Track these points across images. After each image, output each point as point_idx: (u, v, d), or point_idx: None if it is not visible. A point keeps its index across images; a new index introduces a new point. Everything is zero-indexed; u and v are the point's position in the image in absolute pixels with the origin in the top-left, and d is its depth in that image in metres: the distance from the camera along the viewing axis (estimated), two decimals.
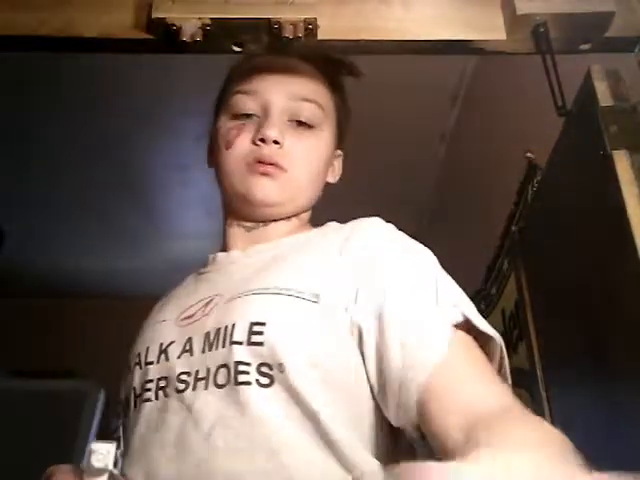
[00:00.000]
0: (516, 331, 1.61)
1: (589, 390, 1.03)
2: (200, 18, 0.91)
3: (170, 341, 0.71)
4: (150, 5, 0.92)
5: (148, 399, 0.68)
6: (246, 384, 0.62)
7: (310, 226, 0.87)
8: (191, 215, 2.76)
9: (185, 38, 0.90)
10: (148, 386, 0.69)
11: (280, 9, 0.92)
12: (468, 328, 0.64)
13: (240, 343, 0.63)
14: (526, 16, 0.93)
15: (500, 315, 1.78)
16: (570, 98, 0.97)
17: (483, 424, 0.51)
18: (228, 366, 0.63)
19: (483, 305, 1.97)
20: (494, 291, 1.86)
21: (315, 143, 0.83)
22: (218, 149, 0.84)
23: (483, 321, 0.64)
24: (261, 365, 0.62)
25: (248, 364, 0.62)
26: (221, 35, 0.93)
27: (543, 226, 1.26)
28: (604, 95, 0.91)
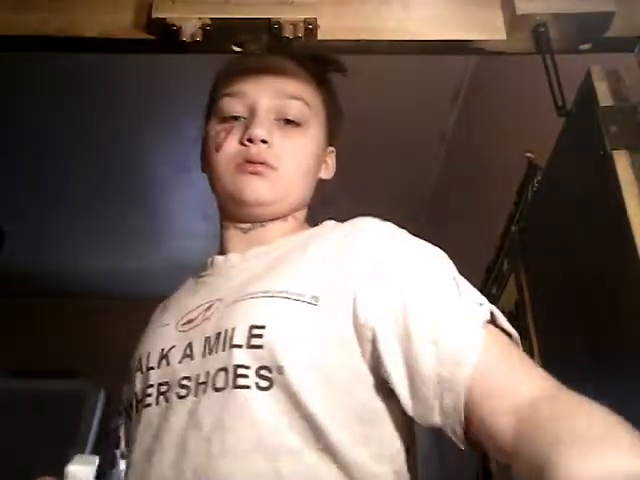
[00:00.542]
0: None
1: (589, 390, 1.03)
2: (200, 18, 0.91)
3: (171, 346, 0.71)
4: (150, 5, 0.92)
5: (149, 404, 0.68)
6: (245, 387, 0.62)
7: (307, 225, 0.87)
8: (191, 215, 2.76)
9: (185, 38, 0.90)
10: (149, 391, 0.69)
11: (280, 9, 0.92)
12: (494, 324, 0.63)
13: (240, 346, 0.63)
14: (526, 16, 0.93)
15: None
16: (570, 98, 0.97)
17: (541, 414, 0.53)
18: (227, 369, 0.63)
19: None
20: (494, 291, 1.86)
21: (303, 140, 0.83)
22: (209, 153, 0.84)
23: (504, 318, 0.64)
24: (260, 368, 0.62)
25: (247, 367, 0.62)
26: (221, 35, 0.93)
27: (543, 226, 1.26)
28: (604, 95, 0.91)
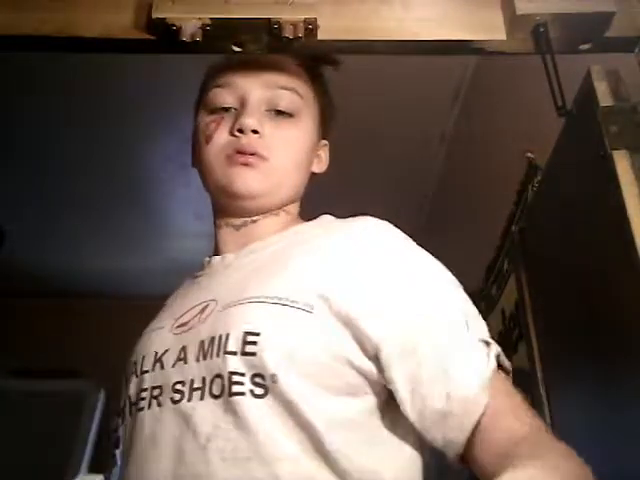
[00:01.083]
0: (516, 331, 1.61)
1: (589, 390, 1.03)
2: (200, 18, 0.91)
3: (165, 349, 0.70)
4: (150, 5, 0.92)
5: (142, 408, 0.68)
6: (240, 395, 0.61)
7: (301, 220, 0.85)
8: (191, 215, 2.75)
9: (185, 38, 0.90)
10: (143, 395, 0.68)
11: (280, 9, 0.92)
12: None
13: (234, 353, 0.62)
14: (526, 16, 0.93)
15: (500, 315, 1.78)
16: (570, 98, 0.97)
17: (521, 453, 0.55)
18: (222, 376, 0.62)
19: (483, 305, 1.97)
20: (494, 291, 1.86)
21: (295, 132, 0.82)
22: (199, 145, 0.83)
23: (503, 354, 0.65)
24: (255, 376, 0.61)
25: (242, 374, 0.61)
26: (221, 35, 0.93)
27: (543, 226, 1.26)
28: (604, 95, 0.91)
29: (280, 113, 0.81)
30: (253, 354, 0.62)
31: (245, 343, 0.62)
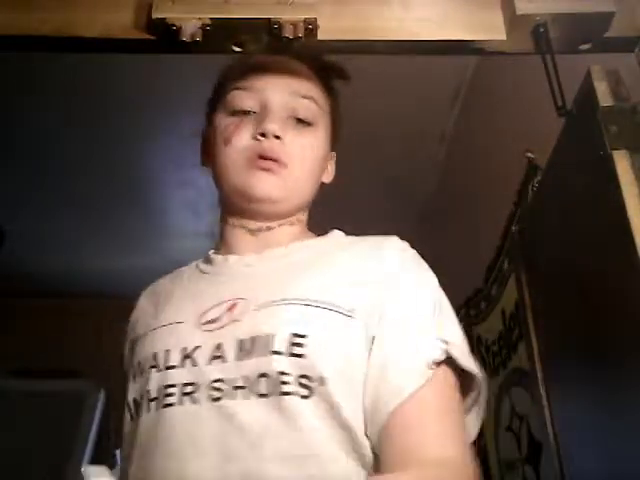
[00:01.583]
0: (516, 331, 1.61)
1: (589, 390, 1.03)
2: (200, 18, 0.91)
3: (195, 345, 0.69)
4: (150, 5, 0.92)
5: (170, 404, 0.67)
6: (289, 394, 0.62)
7: (309, 231, 0.86)
8: (191, 215, 2.76)
9: (185, 38, 0.90)
10: (170, 391, 0.67)
11: (280, 9, 0.92)
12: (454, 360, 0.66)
13: (280, 353, 0.63)
14: (526, 16, 0.93)
15: (500, 315, 1.78)
16: (570, 98, 0.97)
17: (415, 467, 0.60)
18: (270, 376, 0.63)
19: (483, 305, 1.97)
20: (494, 291, 1.86)
21: (313, 140, 0.83)
22: (215, 146, 0.83)
23: (469, 359, 0.67)
24: (301, 377, 0.62)
25: (289, 374, 0.63)
26: (221, 35, 0.93)
27: (543, 226, 1.26)
28: (604, 95, 0.91)
29: (300, 121, 0.82)
30: (301, 356, 0.63)
31: (292, 344, 0.64)
